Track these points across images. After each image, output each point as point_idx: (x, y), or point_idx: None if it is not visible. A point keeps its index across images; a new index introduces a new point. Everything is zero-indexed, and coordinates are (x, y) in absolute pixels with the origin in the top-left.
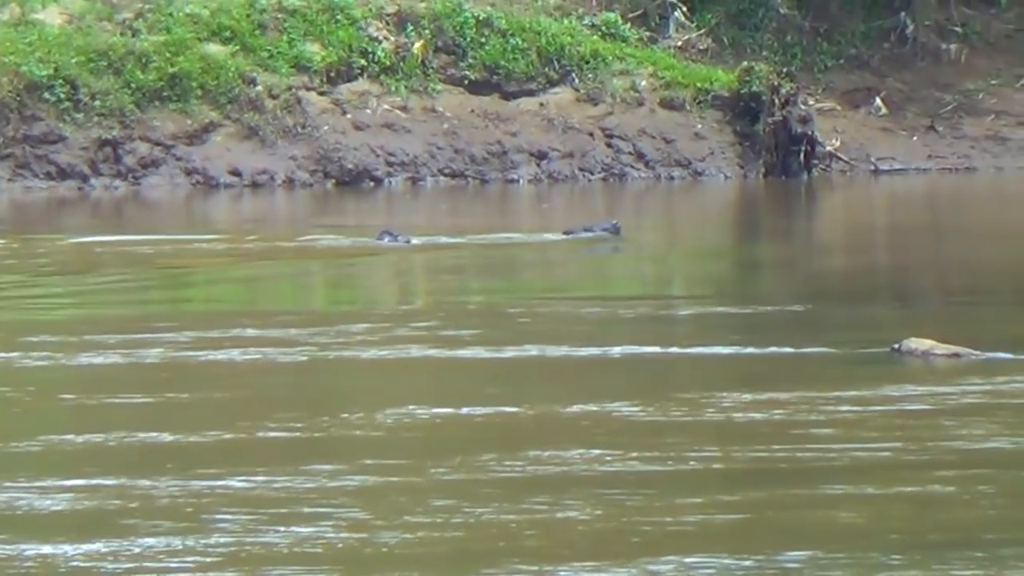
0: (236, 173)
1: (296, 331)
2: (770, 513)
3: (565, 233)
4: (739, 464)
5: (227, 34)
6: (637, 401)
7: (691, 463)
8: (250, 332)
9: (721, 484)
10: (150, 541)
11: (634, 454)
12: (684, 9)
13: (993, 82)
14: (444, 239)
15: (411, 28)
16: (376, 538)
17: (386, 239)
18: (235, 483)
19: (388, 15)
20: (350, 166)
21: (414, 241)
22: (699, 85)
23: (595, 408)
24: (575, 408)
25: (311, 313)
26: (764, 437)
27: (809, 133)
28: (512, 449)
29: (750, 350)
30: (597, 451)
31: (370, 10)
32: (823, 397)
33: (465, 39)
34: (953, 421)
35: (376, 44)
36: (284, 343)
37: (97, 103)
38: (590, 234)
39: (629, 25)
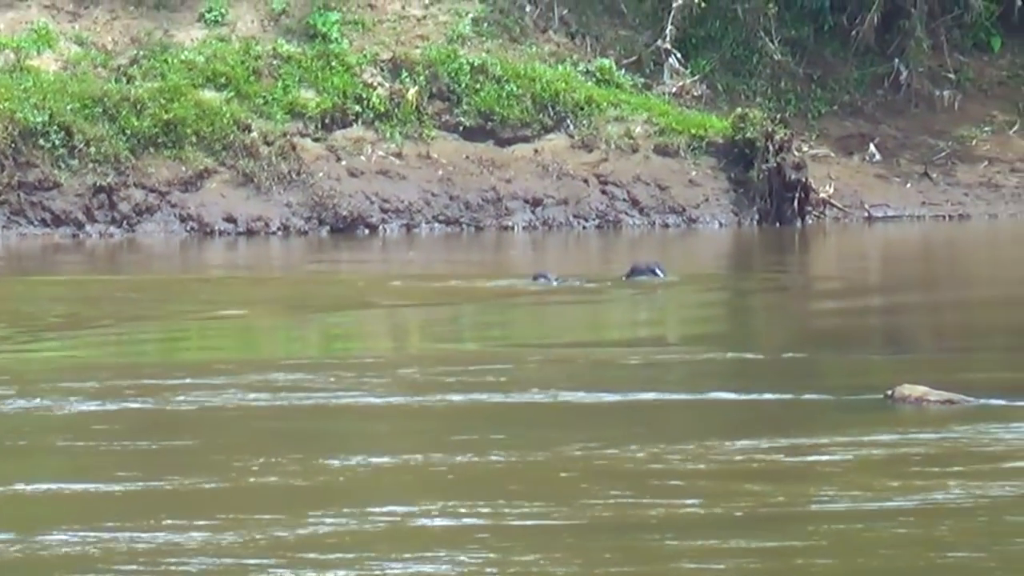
0: (231, 220)
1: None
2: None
3: (628, 276)
4: (691, 511)
5: (222, 80)
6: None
7: (647, 510)
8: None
9: (671, 531)
10: None
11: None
12: (678, 55)
13: (986, 129)
14: (585, 282)
15: (406, 74)
16: None
17: (541, 280)
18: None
19: (383, 61)
20: (345, 213)
21: (561, 283)
22: (693, 132)
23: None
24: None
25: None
26: (727, 483)
27: (803, 180)
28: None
29: (737, 396)
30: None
31: (365, 56)
32: (802, 445)
33: (460, 85)
34: (924, 469)
35: (371, 90)
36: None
37: (92, 150)
38: (655, 277)
39: (623, 71)
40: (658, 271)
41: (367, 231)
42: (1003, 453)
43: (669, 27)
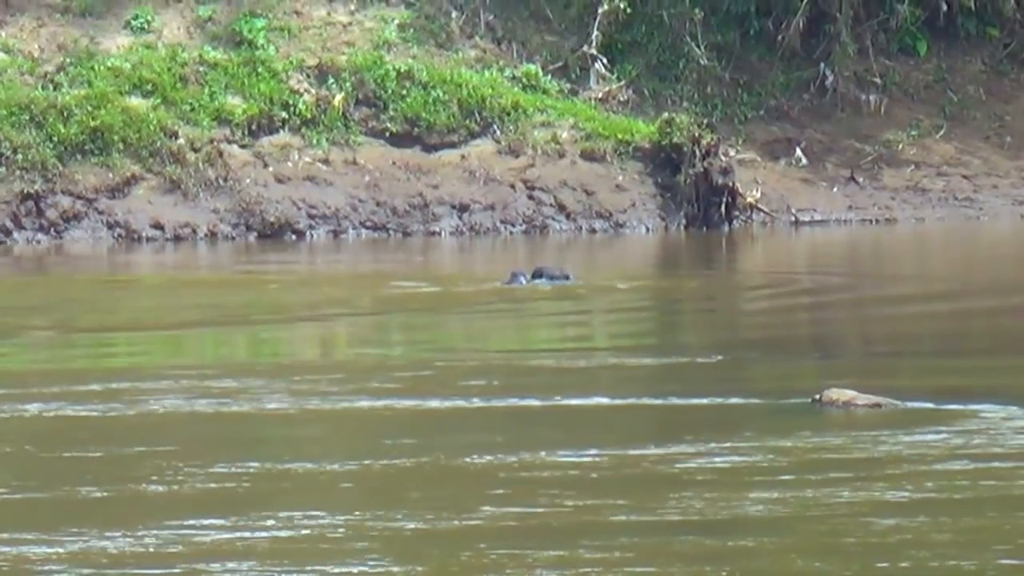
0: (158, 226)
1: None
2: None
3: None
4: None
5: (148, 87)
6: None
7: (567, 516)
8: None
9: (581, 535)
10: None
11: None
12: (605, 61)
13: (913, 133)
14: (554, 282)
15: (332, 81)
16: None
17: (521, 280)
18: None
19: (309, 68)
20: (272, 219)
21: (536, 283)
22: (620, 136)
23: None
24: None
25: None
26: (646, 490)
27: (730, 184)
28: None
29: (667, 401)
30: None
31: (291, 63)
32: (725, 448)
33: (386, 91)
34: (806, 476)
35: (297, 97)
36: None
37: (19, 157)
38: (565, 281)
39: (550, 77)
40: (569, 276)
41: (294, 237)
42: (910, 457)
43: (595, 32)
